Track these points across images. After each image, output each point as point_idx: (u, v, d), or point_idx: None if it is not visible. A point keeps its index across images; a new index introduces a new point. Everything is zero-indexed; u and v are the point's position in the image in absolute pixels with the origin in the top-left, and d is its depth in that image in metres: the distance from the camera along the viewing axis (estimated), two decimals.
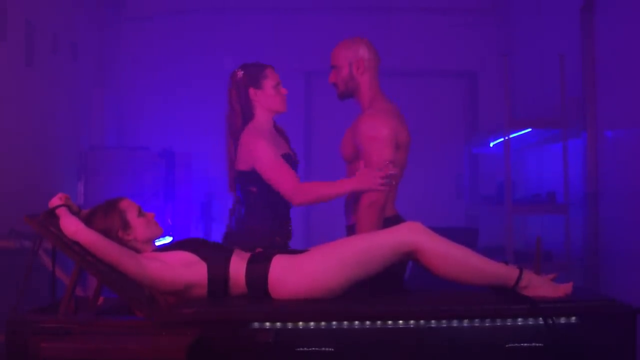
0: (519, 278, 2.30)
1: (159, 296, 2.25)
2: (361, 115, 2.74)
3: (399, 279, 2.60)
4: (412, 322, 2.19)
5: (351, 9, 5.81)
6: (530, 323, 2.19)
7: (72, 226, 2.21)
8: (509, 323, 2.20)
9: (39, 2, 4.48)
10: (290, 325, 2.17)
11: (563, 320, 2.20)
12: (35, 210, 2.40)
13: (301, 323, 2.18)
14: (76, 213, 2.33)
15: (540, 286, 2.32)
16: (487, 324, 2.19)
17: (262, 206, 2.66)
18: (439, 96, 5.94)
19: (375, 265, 2.30)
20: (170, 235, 4.88)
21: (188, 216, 5.31)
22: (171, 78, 5.76)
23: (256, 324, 2.17)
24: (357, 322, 2.18)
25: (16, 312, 2.21)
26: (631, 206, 3.72)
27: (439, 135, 5.84)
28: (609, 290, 3.84)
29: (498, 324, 2.19)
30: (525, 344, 2.17)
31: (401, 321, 2.19)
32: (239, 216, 2.74)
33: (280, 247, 2.66)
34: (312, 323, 2.18)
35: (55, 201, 2.29)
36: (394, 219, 2.66)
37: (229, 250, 2.38)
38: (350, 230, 2.71)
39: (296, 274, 2.29)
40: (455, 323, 2.19)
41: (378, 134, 2.59)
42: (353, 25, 5.53)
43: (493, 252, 3.67)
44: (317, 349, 2.15)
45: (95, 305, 2.32)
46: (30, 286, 2.27)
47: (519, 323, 2.20)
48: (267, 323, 2.17)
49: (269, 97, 2.74)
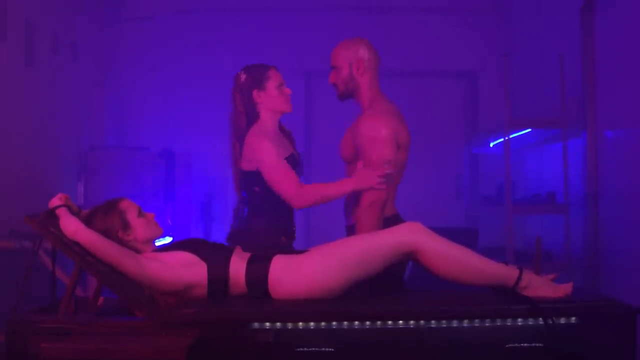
0: (519, 278, 2.30)
1: (159, 296, 2.25)
2: (361, 115, 2.74)
3: (399, 280, 2.60)
4: (412, 323, 2.19)
5: (351, 9, 5.81)
6: (530, 323, 2.19)
7: (72, 226, 2.21)
8: (509, 323, 2.20)
9: (39, 2, 4.48)
10: (290, 325, 2.17)
11: (563, 320, 2.20)
12: (35, 210, 2.40)
13: (301, 323, 2.18)
14: (76, 213, 2.33)
15: (540, 286, 2.32)
16: (487, 324, 2.19)
17: (267, 206, 2.66)
18: (439, 96, 5.94)
19: (375, 265, 2.30)
20: (170, 235, 4.88)
21: (188, 216, 5.31)
22: (171, 78, 5.76)
23: (256, 324, 2.17)
24: (357, 323, 2.18)
25: (16, 312, 2.21)
26: (631, 206, 3.72)
27: (439, 135, 5.84)
28: (609, 290, 3.84)
29: (498, 324, 2.19)
30: (525, 344, 2.17)
31: (401, 321, 2.19)
32: (243, 216, 2.74)
33: (284, 247, 2.66)
34: (312, 323, 2.18)
35: (55, 201, 2.29)
36: (394, 219, 2.66)
37: (229, 250, 2.38)
38: (350, 230, 2.71)
39: (296, 274, 2.29)
40: (455, 323, 2.19)
41: (378, 134, 2.59)
42: (353, 25, 5.53)
43: (493, 253, 3.67)
44: (317, 349, 2.15)
45: (95, 305, 2.32)
46: (30, 286, 2.27)
47: (519, 323, 2.20)
48: (267, 323, 2.17)
49: (273, 98, 2.74)
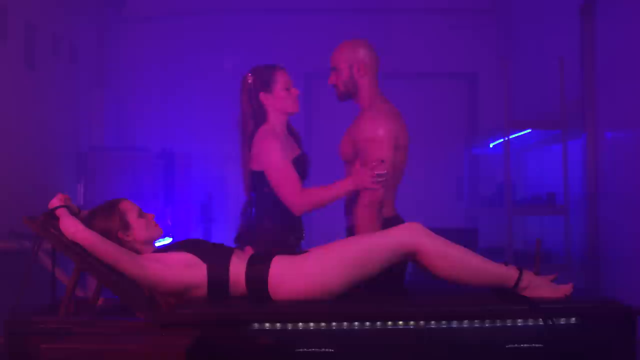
0: (519, 279, 2.30)
1: (159, 297, 2.25)
2: (360, 116, 2.74)
3: (400, 280, 2.60)
4: (412, 323, 2.19)
5: (351, 10, 5.80)
6: (530, 324, 2.19)
7: (72, 227, 2.21)
8: (509, 324, 2.20)
9: (39, 3, 4.48)
10: (290, 326, 2.18)
11: (563, 321, 2.20)
12: (35, 211, 2.40)
13: (301, 324, 2.18)
14: (76, 214, 2.33)
15: (540, 287, 2.32)
16: (487, 325, 2.20)
17: (276, 206, 2.65)
18: (439, 97, 5.94)
19: (375, 266, 2.30)
20: (170, 236, 4.87)
21: (188, 217, 5.31)
22: (171, 78, 5.76)
23: (256, 325, 2.17)
24: (357, 323, 2.19)
25: (16, 313, 2.21)
26: (631, 207, 3.72)
27: (439, 136, 5.83)
28: (609, 291, 3.84)
29: (498, 325, 2.20)
30: (525, 345, 2.18)
31: (401, 322, 2.19)
32: (251, 216, 2.73)
33: (293, 247, 2.66)
34: (312, 324, 2.18)
35: (55, 202, 2.29)
36: (394, 220, 2.67)
37: (229, 251, 2.38)
38: (350, 231, 2.71)
39: (296, 275, 2.29)
40: (455, 324, 2.19)
41: (377, 135, 2.60)
42: (353, 26, 5.53)
43: (493, 253, 3.66)
44: (317, 350, 2.15)
45: (95, 306, 2.32)
46: (30, 287, 2.27)
47: (519, 324, 2.20)
48: (267, 324, 2.17)
49: (280, 100, 2.72)
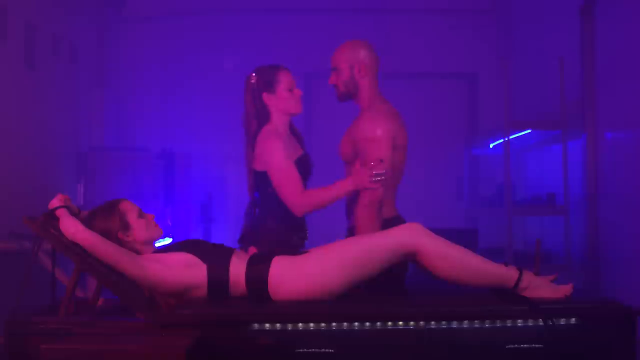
0: (519, 279, 2.30)
1: (159, 297, 2.25)
2: (360, 116, 2.75)
3: (401, 281, 2.60)
4: (412, 324, 2.19)
5: (351, 10, 5.80)
6: (530, 324, 2.19)
7: (72, 227, 2.21)
8: (509, 324, 2.20)
9: (39, 3, 4.48)
10: (290, 326, 2.18)
11: (563, 321, 2.20)
12: (35, 211, 2.40)
13: (301, 324, 2.18)
14: (76, 214, 2.33)
15: (540, 287, 2.32)
16: (487, 325, 2.20)
17: (279, 205, 2.65)
18: (439, 97, 5.93)
19: (375, 266, 2.30)
20: (170, 236, 4.87)
21: (188, 217, 5.31)
22: (171, 78, 5.75)
23: (256, 325, 2.17)
24: (357, 324, 2.19)
25: (16, 313, 2.21)
26: (631, 207, 3.72)
27: (439, 136, 5.83)
28: (609, 291, 3.84)
29: (498, 325, 2.20)
30: (525, 346, 2.18)
31: (401, 322, 2.19)
32: (256, 217, 2.73)
33: (296, 247, 2.66)
34: (312, 324, 2.18)
35: (55, 202, 2.29)
36: (396, 220, 2.67)
37: (229, 251, 2.38)
38: (351, 232, 2.71)
39: (296, 275, 2.29)
40: (455, 324, 2.19)
41: (376, 135, 2.60)
42: (353, 26, 5.53)
43: (493, 254, 3.66)
44: (317, 350, 2.15)
45: (95, 306, 2.32)
46: (30, 287, 2.27)
47: (519, 324, 2.20)
48: (267, 324, 2.17)
49: (283, 101, 2.72)
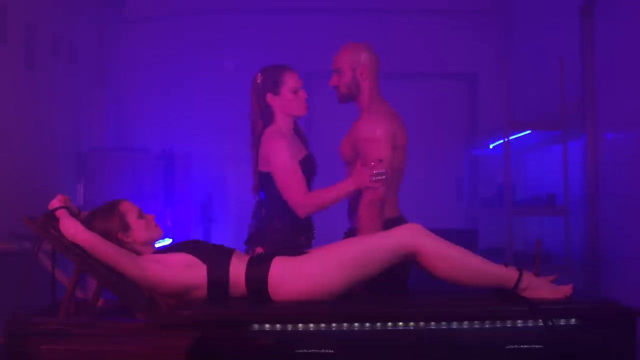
0: (519, 280, 2.30)
1: (159, 298, 2.25)
2: (360, 117, 2.76)
3: (403, 282, 2.60)
4: (412, 324, 2.19)
5: (351, 10, 5.80)
6: (530, 325, 2.19)
7: (72, 228, 2.21)
8: (509, 325, 2.20)
9: (39, 3, 4.47)
10: (290, 326, 2.18)
11: (563, 322, 2.20)
12: (35, 212, 2.40)
13: (301, 325, 2.18)
14: (76, 215, 2.33)
15: (540, 288, 2.32)
16: (487, 326, 2.20)
17: (285, 205, 2.65)
18: (439, 98, 5.93)
19: (375, 266, 2.30)
20: (170, 237, 4.87)
21: (187, 218, 5.30)
22: (171, 79, 5.75)
23: (256, 326, 2.17)
24: (357, 324, 2.19)
25: (16, 314, 2.21)
26: (631, 208, 3.72)
27: (439, 136, 5.83)
28: (609, 292, 3.84)
29: (498, 326, 2.20)
30: (525, 346, 2.18)
31: (401, 323, 2.19)
32: (262, 217, 2.73)
33: (303, 247, 2.66)
34: (312, 325, 2.18)
35: (54, 203, 2.29)
36: (398, 220, 2.67)
37: (229, 251, 2.38)
38: (353, 233, 2.70)
39: (296, 275, 2.29)
40: (455, 325, 2.19)
41: (376, 135, 2.61)
42: (353, 26, 5.53)
43: (493, 254, 3.66)
44: (317, 351, 2.15)
45: (95, 307, 2.32)
46: (30, 288, 2.27)
47: (519, 325, 2.20)
48: (267, 325, 2.17)
49: (287, 102, 2.72)
